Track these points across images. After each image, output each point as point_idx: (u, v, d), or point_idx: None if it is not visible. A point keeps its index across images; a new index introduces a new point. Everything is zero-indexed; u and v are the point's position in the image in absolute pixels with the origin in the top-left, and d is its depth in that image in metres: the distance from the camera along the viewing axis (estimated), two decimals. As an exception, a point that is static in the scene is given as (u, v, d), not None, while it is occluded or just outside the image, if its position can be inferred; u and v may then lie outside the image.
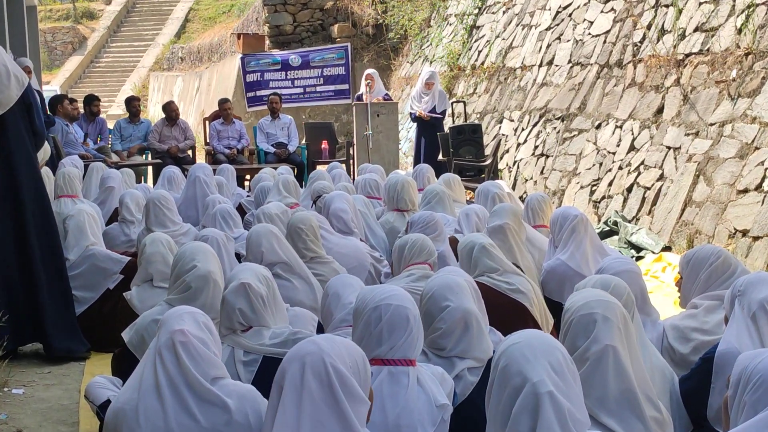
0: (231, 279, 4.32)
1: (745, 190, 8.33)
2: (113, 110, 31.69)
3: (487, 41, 16.39)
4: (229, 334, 4.22)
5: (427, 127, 13.82)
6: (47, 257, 6.40)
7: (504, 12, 16.25)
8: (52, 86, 31.17)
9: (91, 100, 14.71)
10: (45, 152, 8.78)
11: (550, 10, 14.18)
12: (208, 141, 15.20)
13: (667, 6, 10.82)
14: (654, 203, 9.60)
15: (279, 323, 4.32)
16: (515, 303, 5.26)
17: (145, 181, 14.28)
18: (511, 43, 15.29)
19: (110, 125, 15.53)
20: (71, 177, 8.62)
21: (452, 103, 15.18)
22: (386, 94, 14.64)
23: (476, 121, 14.53)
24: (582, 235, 6.31)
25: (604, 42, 12.08)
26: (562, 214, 6.47)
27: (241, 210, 9.11)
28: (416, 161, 13.74)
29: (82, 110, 14.46)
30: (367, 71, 14.52)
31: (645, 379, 3.38)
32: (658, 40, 10.64)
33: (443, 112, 14.03)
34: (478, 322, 3.95)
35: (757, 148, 8.44)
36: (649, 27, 11.01)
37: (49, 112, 12.77)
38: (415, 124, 14.46)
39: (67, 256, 6.76)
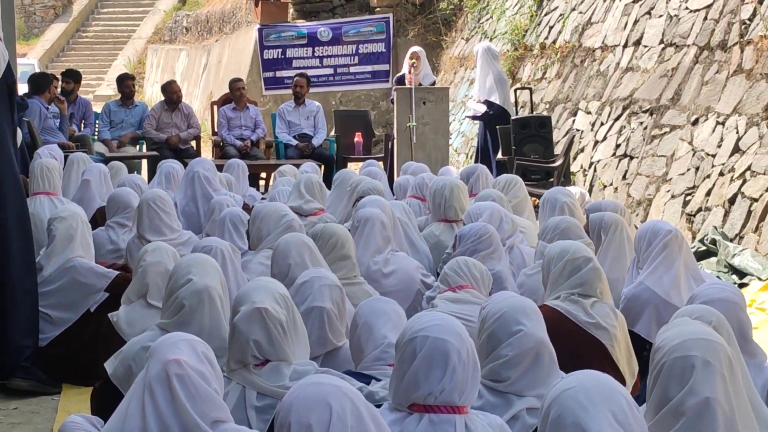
0: (241, 300, 4.30)
1: None
2: (102, 90, 31.90)
3: (561, 15, 16.35)
4: (240, 368, 4.20)
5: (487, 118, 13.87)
6: (22, 271, 6.46)
7: (582, -21, 16.22)
8: (29, 59, 31.35)
9: (69, 77, 14.68)
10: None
11: (638, -23, 14.14)
12: (216, 130, 15.26)
13: (783, -25, 10.76)
14: (762, 218, 9.53)
15: (299, 353, 4.30)
16: (592, 340, 5.14)
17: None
18: (590, 18, 15.24)
19: (97, 108, 15.60)
20: (50, 170, 8.67)
21: (515, 90, 15.16)
22: (433, 82, 14.60)
23: (545, 113, 14.50)
24: (675, 255, 6.23)
25: (705, 19, 12.01)
26: (652, 229, 6.42)
27: (252, 215, 9.12)
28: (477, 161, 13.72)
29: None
30: (413, 49, 14.46)
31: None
32: (772, 18, 10.58)
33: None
34: (552, 358, 3.99)
35: None
36: (761, 1, 10.94)
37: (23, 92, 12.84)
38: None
39: (44, 266, 6.78)
